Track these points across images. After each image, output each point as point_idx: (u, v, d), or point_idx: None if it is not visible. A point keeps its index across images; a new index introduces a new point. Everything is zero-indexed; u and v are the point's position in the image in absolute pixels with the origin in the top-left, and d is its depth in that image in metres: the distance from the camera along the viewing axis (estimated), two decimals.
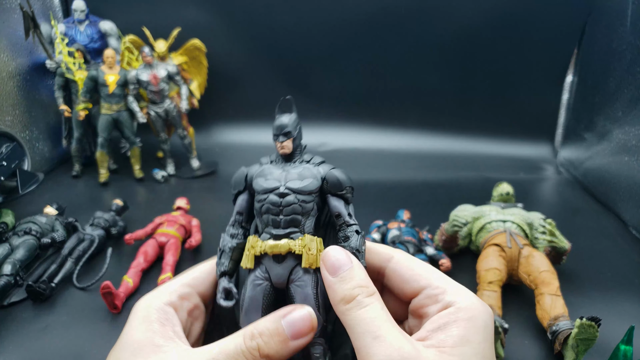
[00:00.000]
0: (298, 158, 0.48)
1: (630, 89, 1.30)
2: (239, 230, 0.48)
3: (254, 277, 0.44)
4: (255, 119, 1.85)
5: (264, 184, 0.46)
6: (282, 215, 0.44)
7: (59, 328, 0.85)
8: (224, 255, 0.47)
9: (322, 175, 0.46)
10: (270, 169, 0.47)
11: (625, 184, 1.30)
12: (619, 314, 0.91)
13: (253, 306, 0.44)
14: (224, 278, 0.46)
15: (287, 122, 0.47)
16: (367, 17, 1.68)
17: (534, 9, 1.62)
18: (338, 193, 0.46)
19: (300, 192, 0.45)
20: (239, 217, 0.48)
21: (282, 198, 0.44)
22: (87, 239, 1.06)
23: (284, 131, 0.47)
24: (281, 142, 0.47)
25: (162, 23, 1.58)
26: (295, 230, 0.44)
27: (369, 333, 0.37)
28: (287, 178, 0.46)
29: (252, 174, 0.48)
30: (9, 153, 1.19)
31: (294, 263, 0.44)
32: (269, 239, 0.44)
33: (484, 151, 1.77)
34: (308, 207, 0.45)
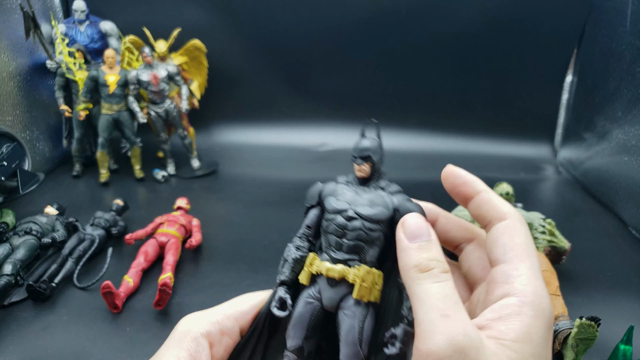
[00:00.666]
0: (374, 183, 0.47)
1: (630, 89, 1.30)
2: (305, 244, 0.46)
3: (307, 294, 0.44)
4: (256, 119, 1.86)
5: (334, 204, 0.45)
6: (346, 239, 0.43)
7: (59, 328, 0.85)
8: (285, 265, 0.46)
9: (394, 206, 0.44)
10: (343, 190, 0.46)
11: (625, 184, 1.30)
12: (619, 313, 0.91)
13: (299, 322, 0.43)
14: (281, 287, 0.45)
15: (369, 146, 0.46)
16: (367, 17, 1.68)
17: (534, 9, 1.62)
18: None
19: (367, 218, 0.43)
20: (307, 230, 0.47)
21: (348, 221, 0.43)
22: (87, 238, 1.06)
23: (364, 155, 0.46)
24: (359, 164, 0.46)
25: (163, 23, 1.58)
26: (355, 257, 0.43)
27: (438, 309, 0.36)
28: (357, 202, 0.44)
29: (327, 190, 0.47)
30: (9, 153, 1.19)
31: (347, 290, 0.43)
32: (327, 261, 0.43)
33: (484, 151, 1.77)
34: (373, 236, 0.43)
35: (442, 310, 0.35)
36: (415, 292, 0.37)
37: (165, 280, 0.88)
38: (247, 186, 1.50)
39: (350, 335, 0.41)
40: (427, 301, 0.36)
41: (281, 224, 1.25)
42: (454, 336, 0.34)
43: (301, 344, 0.43)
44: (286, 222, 1.26)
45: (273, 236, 1.18)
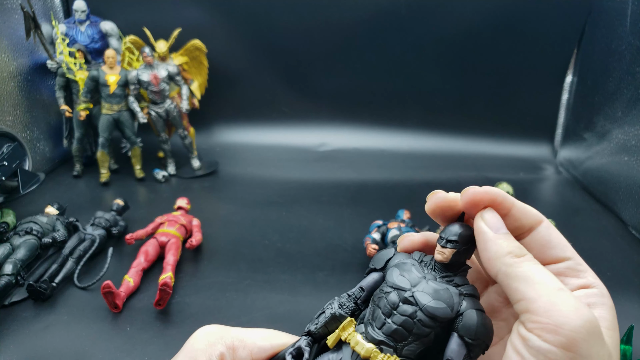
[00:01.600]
0: (448, 275, 0.41)
1: (629, 89, 1.30)
2: (350, 304, 0.42)
3: (326, 358, 0.40)
4: (256, 119, 1.86)
5: (395, 279, 0.40)
6: (391, 320, 0.38)
7: (60, 327, 0.86)
8: (321, 317, 0.42)
9: (460, 309, 0.38)
10: (412, 268, 0.40)
11: (625, 184, 1.30)
12: (619, 314, 0.90)
13: None
14: (305, 337, 0.42)
15: (462, 232, 0.40)
16: (367, 17, 1.68)
17: (534, 9, 1.62)
18: (466, 339, 0.37)
19: (424, 310, 0.37)
20: (359, 292, 0.42)
21: (402, 303, 0.38)
22: (88, 238, 1.07)
23: (451, 238, 0.40)
24: (442, 246, 0.40)
25: (163, 23, 1.58)
26: (392, 345, 0.38)
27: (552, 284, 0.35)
28: (420, 286, 0.39)
29: (396, 260, 0.42)
30: (10, 153, 1.19)
31: None
32: (362, 333, 0.39)
33: (484, 151, 1.77)
34: (423, 331, 0.37)
35: (555, 285, 0.35)
36: (518, 275, 0.36)
37: (166, 280, 0.89)
38: (247, 186, 1.50)
39: None
40: (537, 278, 0.35)
41: (281, 224, 1.25)
42: (580, 307, 0.33)
43: None
44: (286, 222, 1.26)
45: (273, 236, 1.18)
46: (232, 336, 0.44)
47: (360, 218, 1.23)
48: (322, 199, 1.40)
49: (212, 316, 0.89)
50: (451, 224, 0.41)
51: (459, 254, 0.40)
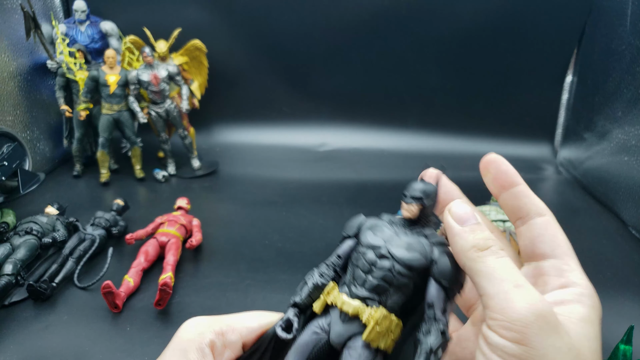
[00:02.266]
0: (417, 228, 0.43)
1: (630, 89, 1.30)
2: (330, 272, 0.44)
3: (316, 324, 0.42)
4: (256, 119, 1.86)
5: (369, 238, 0.42)
6: (371, 276, 0.40)
7: (60, 327, 0.86)
8: (304, 288, 0.44)
9: (433, 257, 0.41)
10: (383, 227, 0.43)
11: (625, 184, 1.30)
12: (619, 313, 0.91)
13: (301, 351, 0.41)
14: (292, 309, 0.43)
15: (424, 188, 0.43)
16: (367, 17, 1.68)
17: (534, 9, 1.62)
18: (442, 283, 0.40)
19: (399, 261, 0.40)
20: (336, 259, 0.44)
21: (379, 259, 0.40)
22: (88, 238, 1.07)
23: (415, 194, 0.42)
24: (407, 203, 0.42)
25: (163, 23, 1.58)
26: (375, 298, 0.40)
27: (510, 280, 0.35)
28: (393, 242, 0.41)
29: (367, 224, 0.44)
30: (10, 153, 1.19)
31: (357, 330, 0.40)
32: (346, 294, 0.41)
33: (484, 151, 1.75)
34: (401, 281, 0.40)
35: (514, 281, 0.35)
36: (480, 270, 0.37)
37: (166, 280, 0.89)
38: (247, 186, 1.50)
39: None
40: (496, 274, 0.36)
41: (281, 224, 1.25)
42: (534, 302, 0.34)
43: None
44: (286, 222, 1.26)
45: (273, 236, 1.18)
46: (220, 323, 0.44)
47: None
48: (322, 199, 1.40)
49: None
50: (414, 182, 0.44)
51: (424, 209, 0.43)
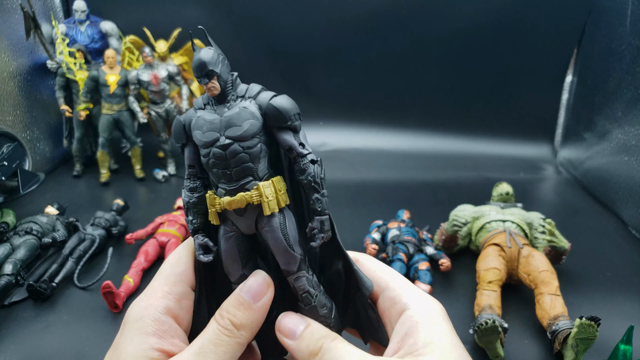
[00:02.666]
0: (231, 95, 0.42)
1: (630, 89, 1.30)
2: (196, 183, 0.45)
3: (223, 230, 0.44)
4: None
5: (202, 138, 0.42)
6: (231, 167, 0.41)
7: (60, 327, 0.86)
8: (189, 212, 0.45)
9: (262, 112, 0.42)
10: (205, 117, 0.42)
11: (625, 184, 1.30)
12: (619, 313, 0.91)
13: (231, 258, 0.44)
14: (198, 235, 0.45)
15: (207, 59, 0.40)
16: (367, 17, 1.68)
17: (534, 9, 1.62)
18: (283, 125, 0.42)
19: (242, 138, 0.41)
20: (192, 170, 0.45)
21: (225, 150, 0.41)
22: (88, 238, 1.07)
23: (205, 72, 0.40)
24: (205, 85, 0.41)
25: (163, 23, 1.58)
26: (249, 179, 0.42)
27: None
28: (224, 126, 0.41)
29: (189, 123, 0.43)
30: (10, 153, 1.19)
31: (257, 211, 0.42)
32: (225, 195, 0.42)
33: (484, 151, 1.77)
34: (256, 151, 0.41)
35: None
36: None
37: None
38: None
39: (280, 245, 0.42)
40: None
41: None
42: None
43: (242, 272, 0.44)
44: None
45: None
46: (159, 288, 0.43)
47: (360, 218, 1.23)
48: None
49: None
50: (195, 57, 0.41)
51: (220, 77, 0.41)
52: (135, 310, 0.42)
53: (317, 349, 0.41)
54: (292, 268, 0.43)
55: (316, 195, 0.42)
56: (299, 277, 0.43)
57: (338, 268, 0.47)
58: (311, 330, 0.42)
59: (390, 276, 0.45)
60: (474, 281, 0.96)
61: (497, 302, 0.86)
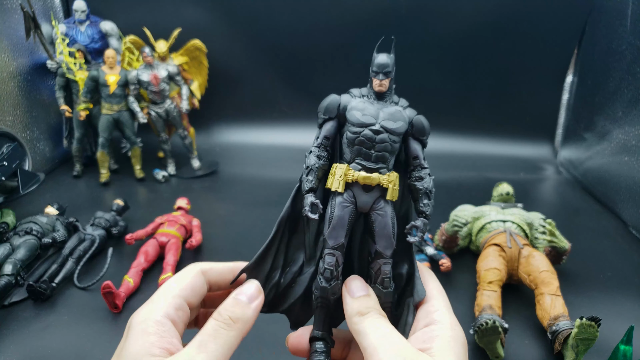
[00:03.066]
0: (389, 98, 0.52)
1: (630, 89, 1.30)
2: (324, 153, 0.51)
3: (342, 199, 0.50)
4: (256, 119, 1.86)
5: (361, 118, 0.49)
6: (374, 150, 0.49)
7: (59, 328, 0.86)
8: (311, 173, 0.51)
9: (410, 120, 0.51)
10: (365, 104, 0.50)
11: (625, 184, 1.30)
12: (619, 314, 0.91)
13: (340, 224, 0.49)
14: (310, 194, 0.50)
15: (390, 61, 0.51)
16: (367, 17, 1.68)
17: (534, 9, 1.62)
18: (419, 137, 0.51)
19: (392, 132, 0.49)
20: (325, 141, 0.51)
21: (376, 135, 0.49)
22: (87, 238, 1.07)
23: (385, 70, 0.50)
24: (380, 80, 0.50)
25: (163, 23, 1.58)
26: (383, 166, 0.49)
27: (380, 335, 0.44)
28: (381, 117, 0.49)
29: (345, 104, 0.51)
30: (9, 153, 1.19)
31: (378, 194, 0.50)
32: (361, 170, 0.49)
33: (484, 151, 1.77)
34: (396, 147, 0.50)
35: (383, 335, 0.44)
36: (359, 330, 0.46)
37: (166, 280, 0.88)
38: (247, 186, 1.50)
39: (386, 230, 0.49)
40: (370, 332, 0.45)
41: None
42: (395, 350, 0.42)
43: (343, 241, 0.50)
44: None
45: None
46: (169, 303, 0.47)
47: None
48: None
49: None
50: (378, 56, 0.51)
51: (392, 80, 0.52)
52: (138, 315, 0.46)
53: (366, 312, 0.47)
54: (387, 253, 0.50)
55: (427, 201, 0.51)
56: (387, 262, 0.50)
57: (402, 271, 0.52)
58: (367, 299, 0.48)
59: (437, 294, 0.51)
60: (474, 281, 0.96)
61: (497, 302, 0.86)
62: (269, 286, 0.52)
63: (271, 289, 0.53)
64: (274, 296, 0.53)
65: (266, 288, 0.52)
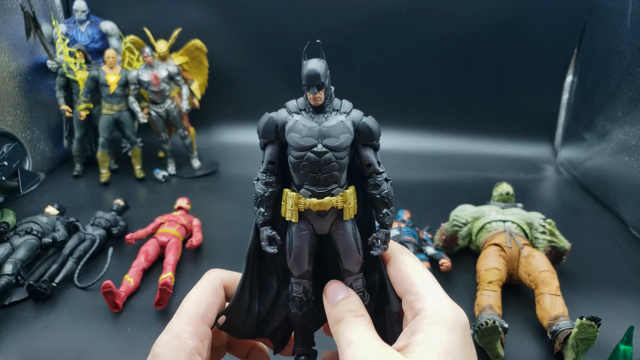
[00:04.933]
0: (329, 107, 0.46)
1: (630, 89, 1.30)
2: (272, 179, 0.48)
3: (298, 228, 0.47)
4: (256, 119, 1.82)
5: (299, 141, 0.45)
6: (321, 173, 0.45)
7: (60, 327, 0.86)
8: (261, 204, 0.48)
9: (355, 127, 0.46)
10: (303, 123, 0.45)
11: (625, 184, 1.30)
12: (619, 313, 0.91)
13: (300, 254, 0.47)
14: (266, 227, 0.48)
15: (319, 71, 0.43)
16: (367, 17, 1.68)
17: (534, 9, 1.62)
18: (369, 143, 0.46)
19: (337, 149, 0.44)
20: (271, 166, 0.48)
21: (320, 157, 0.44)
22: (88, 238, 1.07)
23: (317, 82, 0.43)
24: (314, 94, 0.44)
25: (163, 23, 1.58)
26: (335, 186, 0.46)
27: (346, 341, 0.43)
28: (322, 134, 0.44)
29: (283, 123, 0.46)
30: (10, 153, 1.19)
31: (335, 215, 0.47)
32: (311, 197, 0.46)
33: (484, 151, 1.77)
34: (344, 162, 0.45)
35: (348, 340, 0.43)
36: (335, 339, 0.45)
37: (166, 280, 0.89)
38: (247, 186, 1.49)
39: (350, 249, 0.47)
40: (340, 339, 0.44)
41: None
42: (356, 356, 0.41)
43: (307, 269, 0.48)
44: None
45: None
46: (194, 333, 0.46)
47: None
48: None
49: None
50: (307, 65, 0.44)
51: (327, 90, 0.45)
52: (166, 351, 0.45)
53: (340, 318, 0.45)
54: (355, 269, 0.47)
55: (386, 210, 0.47)
56: (358, 277, 0.48)
57: (374, 280, 0.50)
58: (345, 302, 0.46)
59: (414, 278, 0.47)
60: (474, 281, 0.96)
61: (497, 302, 0.86)
62: (250, 317, 0.51)
63: (252, 320, 0.51)
64: (257, 325, 0.52)
65: (248, 321, 0.50)
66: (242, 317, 0.50)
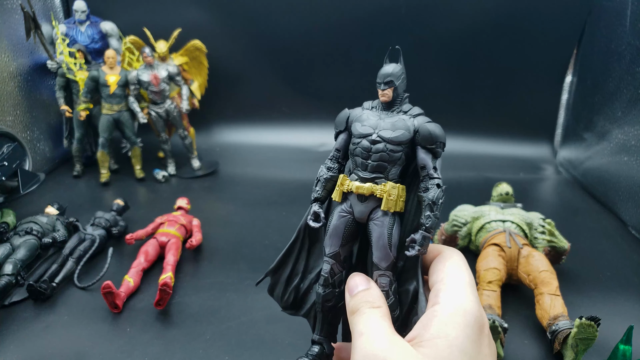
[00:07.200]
0: (397, 108, 0.51)
1: (629, 89, 1.30)
2: (335, 165, 0.52)
3: (340, 209, 0.50)
4: (256, 119, 1.86)
5: (359, 129, 0.50)
6: (370, 160, 0.49)
7: (60, 328, 0.86)
8: (318, 184, 0.52)
9: (415, 128, 0.49)
10: (368, 115, 0.51)
11: (625, 184, 1.30)
12: (619, 313, 0.91)
13: (335, 233, 0.50)
14: (315, 204, 0.52)
15: (391, 71, 0.51)
16: (367, 17, 1.68)
17: (534, 9, 1.62)
18: (428, 146, 0.49)
19: (390, 141, 0.48)
20: (336, 153, 0.53)
21: (372, 145, 0.48)
22: (88, 238, 1.07)
23: (386, 80, 0.50)
24: (382, 90, 0.50)
25: (163, 24, 1.58)
26: (380, 176, 0.49)
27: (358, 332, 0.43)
28: (380, 126, 0.49)
29: (353, 116, 0.52)
30: (10, 153, 1.19)
31: (375, 204, 0.49)
32: (356, 180, 0.49)
33: (484, 151, 1.77)
34: (395, 156, 0.48)
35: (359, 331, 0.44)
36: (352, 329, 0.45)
37: (166, 280, 0.89)
38: (247, 186, 1.50)
39: (381, 241, 0.48)
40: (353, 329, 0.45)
41: (281, 224, 1.25)
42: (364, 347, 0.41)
43: (338, 250, 0.51)
44: (286, 222, 1.26)
45: (273, 236, 1.18)
46: None
47: None
48: None
49: (212, 316, 0.89)
50: (383, 66, 0.51)
51: (396, 90, 0.51)
52: None
53: (356, 309, 0.46)
54: (383, 265, 0.49)
55: (429, 213, 0.48)
56: (384, 274, 0.49)
57: (409, 288, 0.51)
58: (364, 293, 0.47)
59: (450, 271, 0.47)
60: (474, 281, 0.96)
61: (497, 302, 0.86)
62: (289, 289, 0.54)
63: (291, 292, 0.54)
64: (294, 299, 0.55)
65: (287, 291, 0.54)
66: (282, 286, 0.54)
